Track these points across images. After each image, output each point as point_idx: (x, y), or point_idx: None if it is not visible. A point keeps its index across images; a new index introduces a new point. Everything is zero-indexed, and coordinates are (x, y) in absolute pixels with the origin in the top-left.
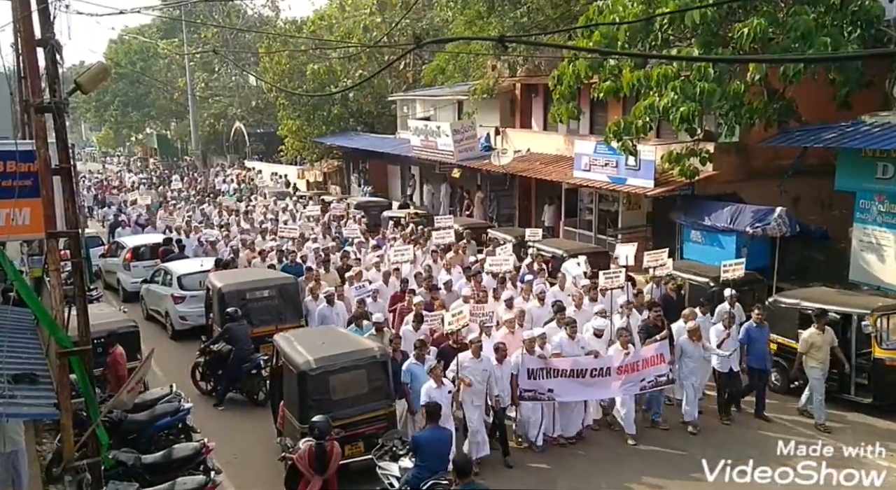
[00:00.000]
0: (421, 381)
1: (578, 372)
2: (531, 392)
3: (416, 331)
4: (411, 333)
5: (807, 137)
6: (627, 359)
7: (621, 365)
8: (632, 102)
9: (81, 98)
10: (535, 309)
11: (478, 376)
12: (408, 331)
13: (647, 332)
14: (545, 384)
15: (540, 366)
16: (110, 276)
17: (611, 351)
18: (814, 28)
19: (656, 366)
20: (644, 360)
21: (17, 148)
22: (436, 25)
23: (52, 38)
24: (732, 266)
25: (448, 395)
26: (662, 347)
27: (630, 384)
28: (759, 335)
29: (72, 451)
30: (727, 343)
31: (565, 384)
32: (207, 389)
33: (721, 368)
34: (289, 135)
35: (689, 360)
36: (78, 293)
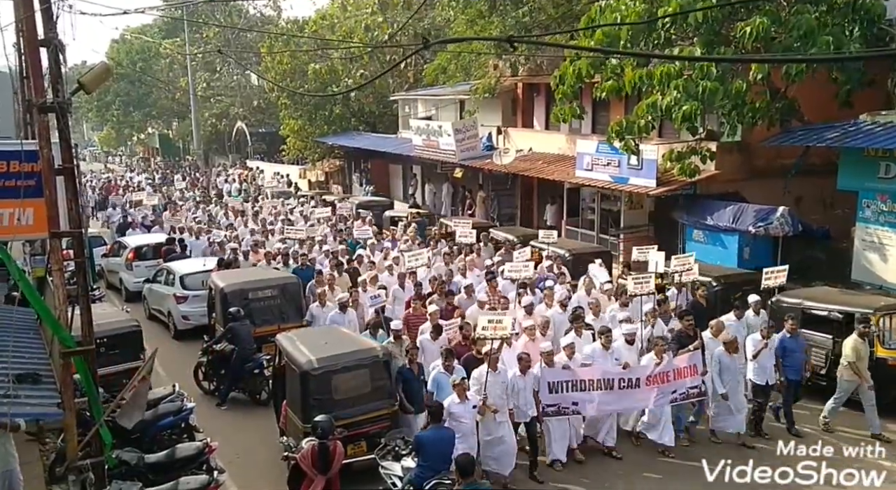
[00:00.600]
0: (447, 392)
1: (606, 383)
2: (554, 407)
3: (434, 340)
4: (429, 343)
5: (809, 137)
6: (659, 369)
7: (652, 375)
8: (634, 102)
9: (83, 98)
10: (557, 315)
11: (497, 390)
12: (426, 340)
13: (678, 342)
14: (569, 397)
15: (563, 378)
16: (113, 275)
17: (644, 360)
18: (816, 27)
19: (689, 377)
20: (676, 370)
21: (21, 148)
22: (437, 25)
23: (54, 38)
24: (775, 273)
25: (472, 410)
26: (695, 358)
27: (661, 396)
28: (795, 345)
29: (75, 451)
30: (764, 354)
31: (592, 397)
32: (210, 389)
33: (758, 381)
34: (290, 134)
35: (727, 374)
36: (81, 293)
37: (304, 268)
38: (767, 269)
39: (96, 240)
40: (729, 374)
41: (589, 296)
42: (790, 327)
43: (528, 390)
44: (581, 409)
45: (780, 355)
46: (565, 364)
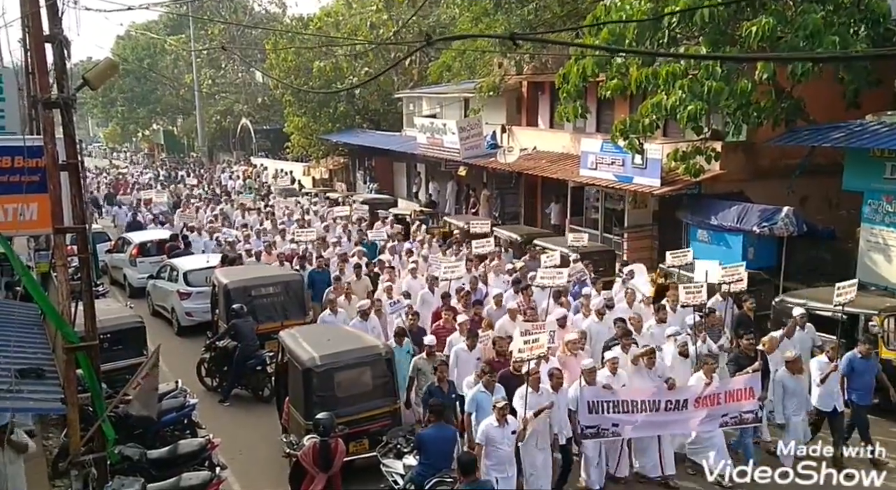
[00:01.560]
0: (486, 412)
1: (650, 404)
2: (593, 428)
3: (470, 350)
4: (465, 353)
5: (815, 137)
6: (709, 390)
7: (701, 397)
8: (638, 101)
9: (88, 94)
10: (594, 325)
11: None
12: (461, 350)
13: (737, 363)
14: (610, 418)
15: (604, 398)
16: (116, 271)
17: (692, 380)
18: (822, 27)
19: (743, 401)
20: (728, 392)
21: (24, 143)
22: (442, 22)
23: (60, 34)
24: (732, 270)
25: (511, 436)
26: (753, 380)
27: (710, 419)
28: (866, 368)
29: (78, 446)
30: (832, 378)
31: (634, 419)
32: (213, 385)
33: (824, 407)
34: (295, 131)
35: (793, 398)
36: (84, 288)
37: (321, 270)
38: (727, 267)
39: (100, 235)
40: (795, 398)
41: (630, 308)
42: (864, 349)
43: (563, 409)
44: (621, 431)
45: (846, 375)
46: (606, 383)
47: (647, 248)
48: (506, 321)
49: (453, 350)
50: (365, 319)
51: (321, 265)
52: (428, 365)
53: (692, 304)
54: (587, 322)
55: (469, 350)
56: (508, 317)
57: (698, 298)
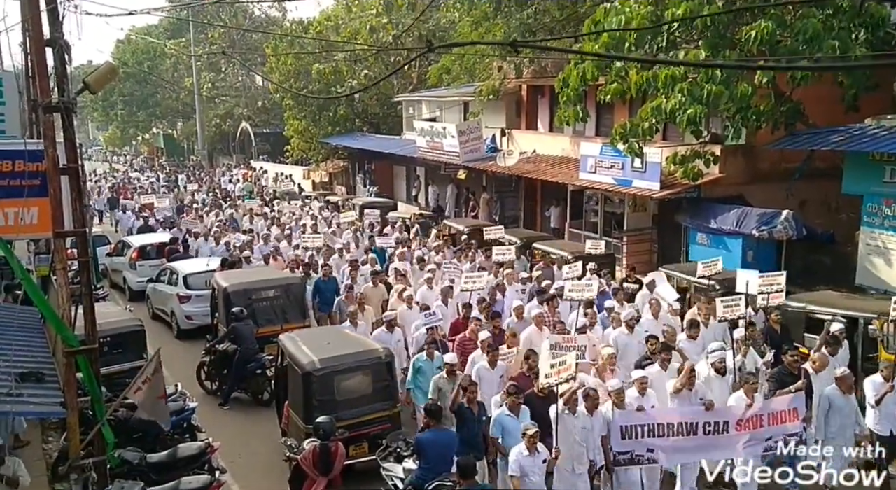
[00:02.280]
0: (515, 439)
1: (688, 427)
2: (626, 454)
3: (492, 368)
4: (487, 372)
5: (814, 140)
6: (751, 411)
7: (743, 419)
8: (638, 104)
9: (88, 97)
10: (622, 337)
11: (577, 436)
12: (483, 369)
13: (779, 381)
14: (644, 443)
15: (637, 421)
16: (116, 275)
17: (731, 400)
18: (822, 31)
19: (787, 423)
20: (771, 414)
21: (26, 147)
22: (442, 26)
23: (60, 38)
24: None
25: (543, 465)
26: (797, 401)
27: (752, 443)
28: None
29: (78, 450)
30: (889, 399)
31: (671, 443)
32: (212, 389)
33: (880, 431)
34: (295, 135)
35: (837, 417)
36: (84, 292)
37: (327, 279)
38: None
39: (100, 239)
40: (841, 417)
41: (657, 319)
42: None
43: (596, 433)
44: (657, 456)
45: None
46: (639, 405)
47: (646, 252)
48: (532, 333)
49: (475, 369)
50: (391, 331)
51: (327, 273)
52: (449, 385)
53: (731, 318)
54: (615, 334)
55: (491, 368)
56: (535, 328)
57: (737, 312)
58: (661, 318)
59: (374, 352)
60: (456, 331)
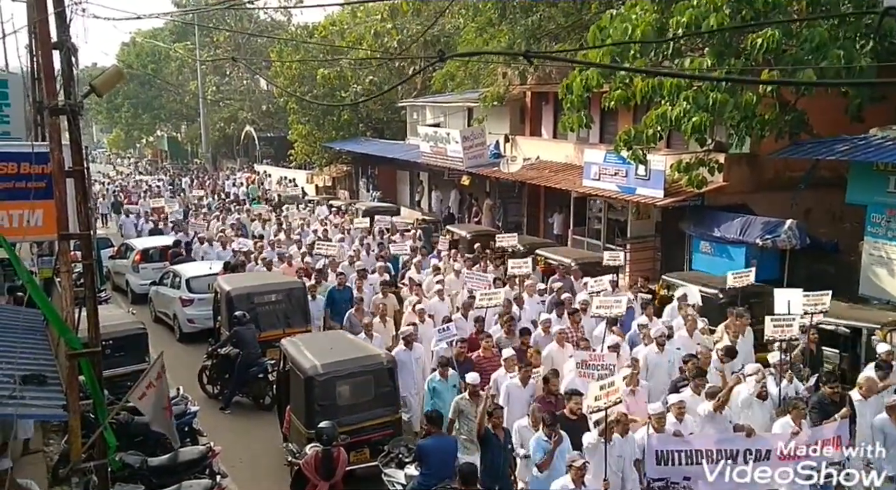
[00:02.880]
0: (559, 472)
1: (728, 454)
2: (661, 482)
3: (524, 386)
4: (518, 390)
5: (818, 150)
6: (797, 439)
7: (787, 447)
8: (642, 111)
9: (93, 100)
10: (653, 355)
11: (613, 466)
12: (513, 387)
13: (822, 410)
14: (681, 471)
15: (673, 447)
16: (119, 277)
17: (776, 427)
18: (827, 40)
19: (831, 451)
20: (816, 442)
21: (32, 149)
22: (447, 32)
23: (68, 41)
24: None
25: None
26: (842, 428)
27: (794, 472)
28: None
29: (79, 453)
30: None
31: (709, 470)
32: (214, 393)
33: None
34: (298, 139)
35: (890, 446)
36: (88, 295)
37: (341, 288)
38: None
39: (103, 241)
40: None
41: (691, 337)
42: None
43: (629, 459)
44: (693, 485)
45: None
46: (677, 430)
47: (649, 260)
48: (554, 350)
49: (504, 386)
50: (409, 348)
51: (342, 282)
52: (471, 407)
53: (781, 339)
54: (644, 351)
55: (523, 385)
56: (556, 344)
57: (788, 332)
58: (695, 337)
59: (376, 357)
60: (472, 347)
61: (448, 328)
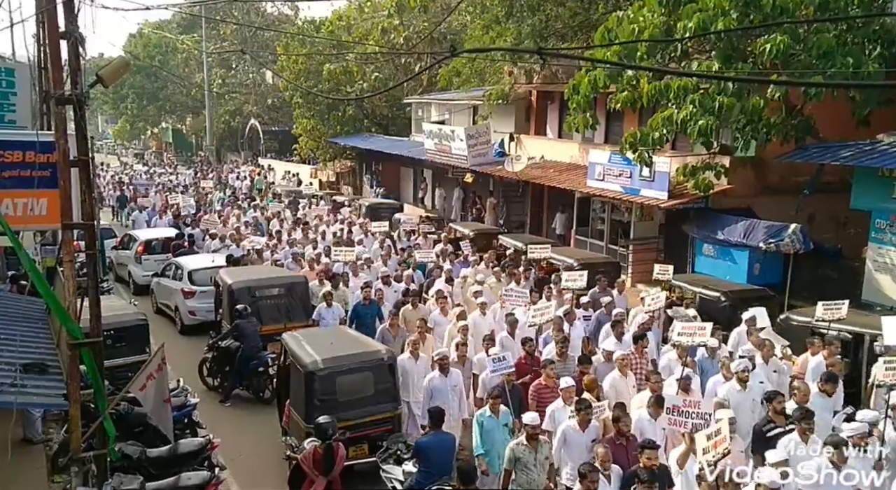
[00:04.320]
0: None
1: None
2: None
3: (583, 429)
4: (577, 434)
5: (824, 154)
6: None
7: None
8: (648, 113)
9: (99, 90)
10: (734, 392)
11: None
12: (571, 431)
13: None
14: None
15: None
16: (122, 268)
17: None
18: (835, 46)
19: None
20: None
21: (38, 139)
22: (453, 29)
23: (75, 31)
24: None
25: None
26: None
27: None
28: None
29: (79, 443)
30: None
31: None
32: (214, 385)
33: None
34: (303, 134)
35: None
36: (91, 285)
37: (367, 303)
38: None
39: (107, 232)
40: None
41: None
42: None
43: None
44: None
45: None
46: None
47: (652, 261)
48: (616, 380)
49: (560, 430)
50: (445, 374)
51: (367, 296)
52: (531, 455)
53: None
54: (725, 389)
55: (581, 429)
56: (618, 373)
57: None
58: (771, 364)
59: (376, 353)
60: (521, 372)
61: (504, 358)
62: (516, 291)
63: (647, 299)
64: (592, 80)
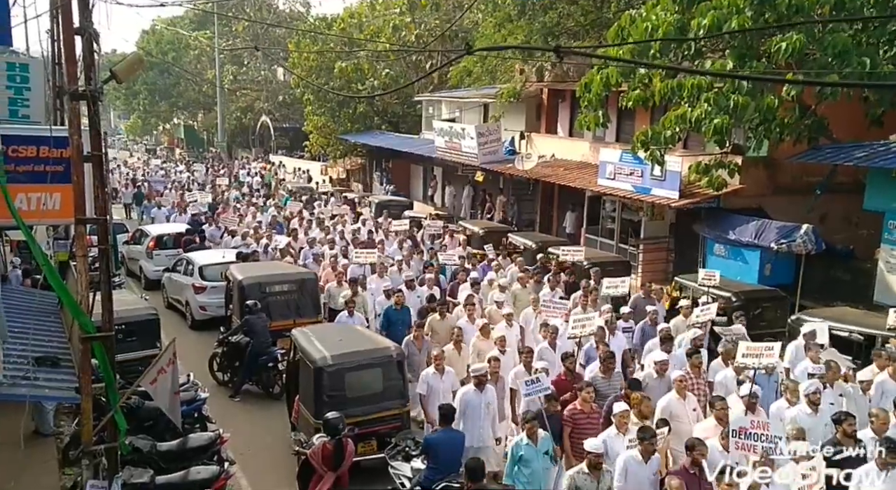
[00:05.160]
0: None
1: None
2: None
3: (646, 461)
4: (639, 466)
5: (837, 155)
6: None
7: None
8: (660, 112)
9: (112, 86)
10: (803, 416)
11: None
12: (632, 462)
13: None
14: None
15: None
16: (133, 263)
17: None
18: (851, 46)
19: None
20: None
21: (51, 134)
22: (465, 27)
23: (90, 27)
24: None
25: None
26: None
27: None
28: None
29: (90, 436)
30: None
31: None
32: (224, 380)
33: None
34: (314, 130)
35: None
36: (103, 279)
37: (399, 308)
38: None
39: (118, 227)
40: None
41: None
42: None
43: None
44: None
45: None
46: None
47: (662, 261)
48: (673, 403)
49: (620, 460)
50: (481, 389)
51: (399, 302)
52: (593, 484)
53: None
54: (792, 412)
55: (644, 460)
56: (676, 395)
57: None
58: (837, 387)
59: (385, 350)
60: (560, 390)
61: (539, 379)
62: (556, 302)
63: (696, 311)
64: (604, 78)
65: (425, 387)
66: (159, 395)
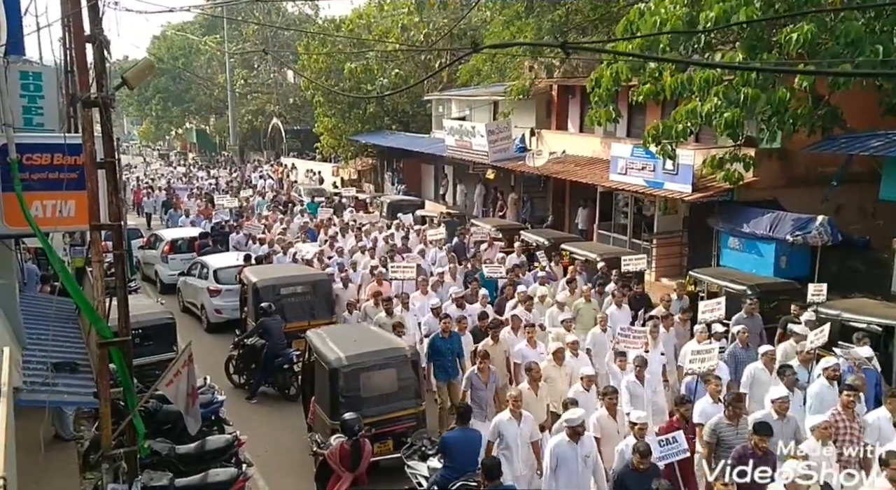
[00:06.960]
0: None
1: None
2: None
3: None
4: None
5: (852, 145)
6: None
7: None
8: (671, 106)
9: (124, 92)
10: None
11: None
12: None
13: None
14: None
15: None
16: (148, 267)
17: None
18: (864, 34)
19: None
20: None
21: (65, 141)
22: (473, 25)
23: (100, 34)
24: None
25: None
26: None
27: None
28: None
29: (110, 440)
30: None
31: None
32: (240, 383)
33: None
34: (324, 132)
35: None
36: (119, 285)
37: (448, 335)
38: None
39: (133, 232)
40: None
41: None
42: None
43: None
44: None
45: None
46: None
47: (676, 255)
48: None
49: None
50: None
51: (447, 329)
52: None
53: None
54: None
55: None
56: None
57: None
58: None
59: (400, 350)
60: None
61: (676, 439)
62: (635, 331)
63: (810, 336)
64: (614, 73)
65: (497, 435)
66: (177, 397)
